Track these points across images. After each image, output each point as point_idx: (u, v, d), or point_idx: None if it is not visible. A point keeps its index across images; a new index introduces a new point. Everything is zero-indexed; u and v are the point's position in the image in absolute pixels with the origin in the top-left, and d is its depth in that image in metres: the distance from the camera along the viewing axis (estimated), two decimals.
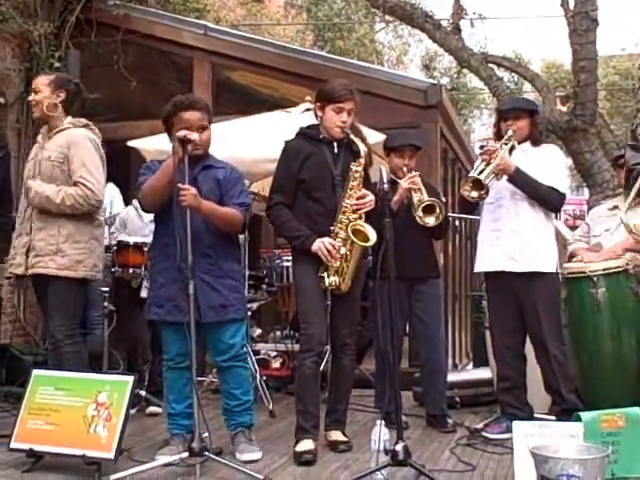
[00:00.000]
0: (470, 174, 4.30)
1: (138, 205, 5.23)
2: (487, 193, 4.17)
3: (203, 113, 3.88)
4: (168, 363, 3.91)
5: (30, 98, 4.24)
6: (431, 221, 4.43)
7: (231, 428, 3.96)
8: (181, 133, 3.70)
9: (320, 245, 3.87)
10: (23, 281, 4.42)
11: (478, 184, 4.16)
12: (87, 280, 4.17)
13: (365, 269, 4.20)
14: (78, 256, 4.06)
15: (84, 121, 4.24)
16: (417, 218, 4.41)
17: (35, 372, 3.91)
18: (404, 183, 4.46)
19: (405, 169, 4.54)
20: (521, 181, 4.21)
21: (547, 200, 4.27)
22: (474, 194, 4.19)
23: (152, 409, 4.97)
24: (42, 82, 4.23)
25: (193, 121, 3.83)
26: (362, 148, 3.95)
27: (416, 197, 4.45)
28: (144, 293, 5.06)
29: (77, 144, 4.09)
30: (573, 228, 5.95)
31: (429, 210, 4.42)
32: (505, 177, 4.22)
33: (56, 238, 4.04)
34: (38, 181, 4.08)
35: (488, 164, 4.18)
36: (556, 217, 4.68)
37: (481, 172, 4.18)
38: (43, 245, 4.04)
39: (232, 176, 3.94)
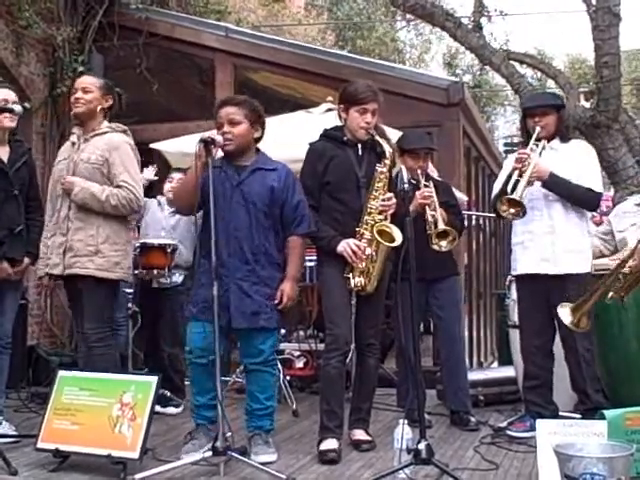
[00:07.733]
0: (496, 184, 4.22)
1: (162, 200, 5.32)
2: (525, 212, 4.05)
3: (238, 108, 3.84)
4: (188, 356, 3.88)
5: (78, 95, 4.12)
6: (444, 244, 4.39)
7: (249, 429, 3.93)
8: (204, 135, 3.70)
9: (345, 246, 3.87)
10: (52, 281, 4.38)
11: (515, 202, 4.06)
12: (119, 282, 4.19)
13: (390, 270, 4.18)
14: (116, 258, 4.07)
15: (123, 127, 4.26)
16: (433, 244, 4.36)
17: (61, 373, 3.95)
18: (418, 196, 4.42)
19: (419, 171, 4.52)
20: (556, 186, 4.12)
21: (583, 202, 4.19)
22: (512, 211, 4.08)
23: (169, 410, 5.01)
24: (93, 83, 4.18)
25: (224, 117, 3.83)
26: (387, 149, 3.94)
27: (430, 213, 4.40)
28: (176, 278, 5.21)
29: (119, 149, 4.11)
30: (600, 225, 5.89)
31: (443, 235, 4.38)
32: (539, 183, 4.13)
33: (95, 239, 4.03)
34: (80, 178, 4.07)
35: (521, 174, 4.07)
36: None
37: (516, 184, 4.06)
38: (81, 246, 4.02)
39: (287, 183, 3.87)
